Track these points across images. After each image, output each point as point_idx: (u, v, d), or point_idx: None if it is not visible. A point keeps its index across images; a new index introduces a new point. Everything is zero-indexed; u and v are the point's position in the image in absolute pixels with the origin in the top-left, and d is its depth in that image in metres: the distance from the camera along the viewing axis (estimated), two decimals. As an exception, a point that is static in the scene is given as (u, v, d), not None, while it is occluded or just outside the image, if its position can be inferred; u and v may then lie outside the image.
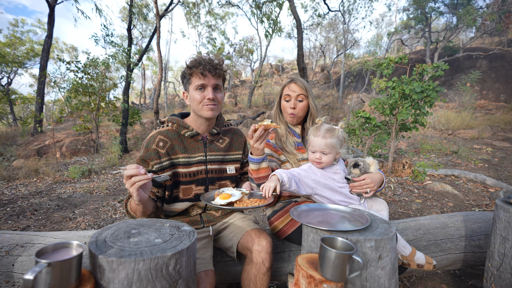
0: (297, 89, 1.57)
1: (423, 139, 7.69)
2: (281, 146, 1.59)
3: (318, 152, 1.37)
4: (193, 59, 1.32)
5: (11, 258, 1.35)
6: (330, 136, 1.35)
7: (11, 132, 11.41)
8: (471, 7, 13.22)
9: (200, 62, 1.29)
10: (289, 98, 1.58)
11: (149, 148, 1.31)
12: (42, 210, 3.64)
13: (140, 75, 26.35)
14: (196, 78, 1.31)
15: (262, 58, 19.34)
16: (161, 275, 0.73)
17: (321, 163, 1.38)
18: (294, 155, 1.56)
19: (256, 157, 1.33)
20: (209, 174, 1.43)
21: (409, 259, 1.35)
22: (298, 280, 0.91)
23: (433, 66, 4.21)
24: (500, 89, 13.41)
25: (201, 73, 1.29)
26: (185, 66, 1.35)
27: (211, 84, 1.32)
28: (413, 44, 24.07)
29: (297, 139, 1.64)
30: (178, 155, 1.36)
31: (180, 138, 1.38)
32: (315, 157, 1.38)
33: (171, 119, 1.39)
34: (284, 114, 1.64)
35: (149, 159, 1.30)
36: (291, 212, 1.15)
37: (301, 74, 8.25)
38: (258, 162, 1.34)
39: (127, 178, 1.03)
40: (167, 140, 1.34)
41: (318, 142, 1.36)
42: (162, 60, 9.11)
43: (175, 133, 1.37)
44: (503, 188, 3.79)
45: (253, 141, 1.28)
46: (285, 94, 1.60)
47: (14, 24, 18.58)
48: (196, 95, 1.31)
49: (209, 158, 1.43)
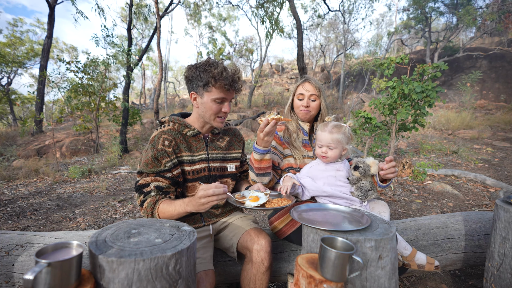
0: (310, 88, 1.59)
1: (423, 139, 7.69)
2: (289, 140, 1.61)
3: (325, 146, 1.40)
4: (220, 69, 1.27)
5: (11, 258, 1.35)
6: (337, 131, 1.38)
7: (11, 132, 11.40)
8: (471, 7, 13.22)
9: (226, 77, 1.28)
10: (303, 97, 1.60)
11: (157, 147, 1.31)
12: (42, 210, 3.64)
13: (140, 75, 26.35)
14: (218, 91, 1.30)
15: (262, 58, 19.34)
16: (161, 275, 0.73)
17: (327, 158, 1.40)
18: (301, 151, 1.58)
19: (262, 148, 1.36)
20: (211, 172, 1.44)
21: (409, 259, 1.35)
22: (298, 280, 0.91)
23: (433, 66, 4.21)
24: (500, 89, 13.41)
25: (226, 88, 1.29)
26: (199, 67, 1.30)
27: (230, 99, 1.35)
28: (413, 44, 24.06)
29: (305, 137, 1.66)
30: (182, 153, 1.38)
31: (182, 137, 1.39)
32: (321, 151, 1.41)
33: (172, 119, 1.40)
34: (296, 111, 1.66)
35: (161, 158, 1.30)
36: (291, 212, 1.15)
37: (301, 74, 8.26)
38: (263, 153, 1.37)
39: (212, 196, 1.09)
40: (171, 138, 1.35)
41: (325, 137, 1.39)
42: (162, 60, 9.12)
43: (177, 132, 1.39)
44: (503, 188, 3.79)
45: (263, 134, 1.30)
46: (299, 93, 1.61)
47: (14, 24, 18.58)
48: (213, 106, 1.32)
49: (211, 156, 1.45)
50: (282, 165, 1.59)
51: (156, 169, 1.30)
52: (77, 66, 7.53)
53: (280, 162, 1.58)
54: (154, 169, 1.30)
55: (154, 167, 1.30)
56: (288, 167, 1.57)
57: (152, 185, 1.28)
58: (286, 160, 1.58)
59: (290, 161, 1.57)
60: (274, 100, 17.88)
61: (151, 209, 1.25)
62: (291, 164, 1.57)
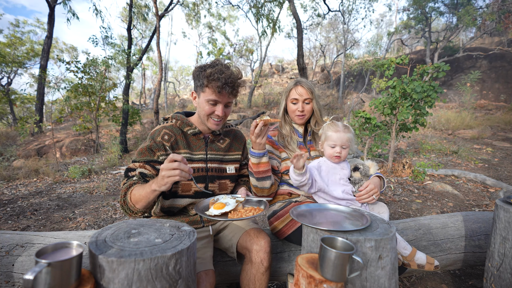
0: (303, 92, 1.59)
1: (423, 139, 7.69)
2: (284, 144, 1.62)
3: (339, 146, 1.39)
4: (214, 70, 1.25)
5: (11, 258, 1.35)
6: (349, 131, 1.41)
7: (11, 132, 11.40)
8: (470, 7, 13.21)
9: (219, 78, 1.25)
10: (297, 101, 1.60)
11: (155, 139, 1.33)
12: (42, 210, 3.64)
13: (140, 75, 26.34)
14: (211, 92, 1.29)
15: (262, 58, 19.34)
16: (161, 275, 0.73)
17: (340, 158, 1.40)
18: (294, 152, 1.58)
19: (257, 151, 1.37)
20: (209, 173, 1.44)
21: (409, 259, 1.35)
22: (298, 280, 0.91)
23: (433, 67, 4.21)
24: (500, 89, 13.41)
25: (218, 90, 1.27)
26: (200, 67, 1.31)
27: (224, 102, 1.33)
28: (413, 44, 24.05)
29: (299, 139, 1.67)
30: (180, 150, 1.38)
31: (183, 134, 1.40)
32: (335, 151, 1.40)
33: (175, 116, 1.42)
34: (291, 115, 1.66)
35: (156, 150, 1.32)
36: (291, 212, 1.15)
37: (301, 74, 8.26)
38: (259, 157, 1.38)
39: (171, 161, 1.04)
40: (172, 134, 1.37)
41: (340, 137, 1.38)
42: (162, 60, 9.11)
43: (179, 129, 1.40)
44: (503, 188, 3.79)
45: (254, 136, 1.32)
46: (293, 98, 1.61)
47: (16, 25, 18.57)
48: (205, 107, 1.32)
49: (209, 157, 1.45)
50: (281, 168, 1.59)
51: (148, 158, 1.31)
52: (76, 66, 7.54)
53: (279, 166, 1.59)
54: (145, 158, 1.31)
55: (147, 156, 1.31)
56: (287, 170, 1.57)
57: (138, 170, 1.28)
58: (284, 164, 1.59)
59: (288, 164, 1.57)
60: (274, 100, 17.88)
61: (125, 190, 1.21)
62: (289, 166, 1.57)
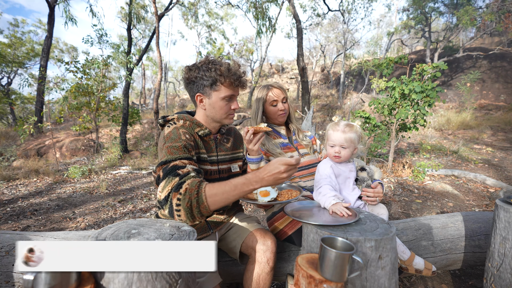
0: (279, 92, 1.67)
1: (423, 139, 7.69)
2: (266, 149, 1.62)
3: (338, 146, 1.38)
4: (226, 67, 1.24)
5: (11, 258, 1.35)
6: (349, 130, 1.38)
7: (11, 132, 11.40)
8: (470, 7, 13.21)
9: (235, 72, 1.25)
10: (276, 102, 1.66)
11: (182, 139, 1.19)
12: (42, 210, 3.64)
13: (140, 75, 26.33)
14: (226, 88, 1.26)
15: (262, 58, 19.34)
16: (161, 275, 0.73)
17: (339, 157, 1.40)
18: (282, 155, 1.61)
19: (253, 157, 1.40)
20: (220, 174, 1.40)
21: (408, 263, 1.37)
22: (298, 280, 0.91)
23: (432, 66, 4.21)
24: (500, 89, 13.41)
25: (234, 84, 1.27)
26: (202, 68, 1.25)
27: (237, 95, 1.34)
28: (413, 44, 24.05)
29: (284, 140, 1.70)
30: (200, 150, 1.31)
31: (196, 134, 1.33)
32: (334, 151, 1.39)
33: (182, 117, 1.32)
34: (273, 117, 1.69)
35: (190, 148, 1.20)
36: (285, 209, 1.19)
37: (301, 74, 8.26)
38: (257, 162, 1.40)
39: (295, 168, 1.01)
40: (190, 134, 1.26)
41: (337, 136, 1.38)
42: (162, 60, 9.11)
43: (191, 129, 1.31)
44: (503, 188, 3.79)
45: (246, 143, 1.35)
46: (272, 100, 1.65)
47: (15, 25, 18.57)
48: (222, 105, 1.28)
49: (220, 158, 1.41)
50: None
51: (187, 155, 1.15)
52: (76, 66, 7.53)
53: None
54: (186, 155, 1.14)
55: (186, 154, 1.15)
56: None
57: (189, 167, 1.10)
58: None
59: None
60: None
61: (196, 187, 1.00)
62: None
